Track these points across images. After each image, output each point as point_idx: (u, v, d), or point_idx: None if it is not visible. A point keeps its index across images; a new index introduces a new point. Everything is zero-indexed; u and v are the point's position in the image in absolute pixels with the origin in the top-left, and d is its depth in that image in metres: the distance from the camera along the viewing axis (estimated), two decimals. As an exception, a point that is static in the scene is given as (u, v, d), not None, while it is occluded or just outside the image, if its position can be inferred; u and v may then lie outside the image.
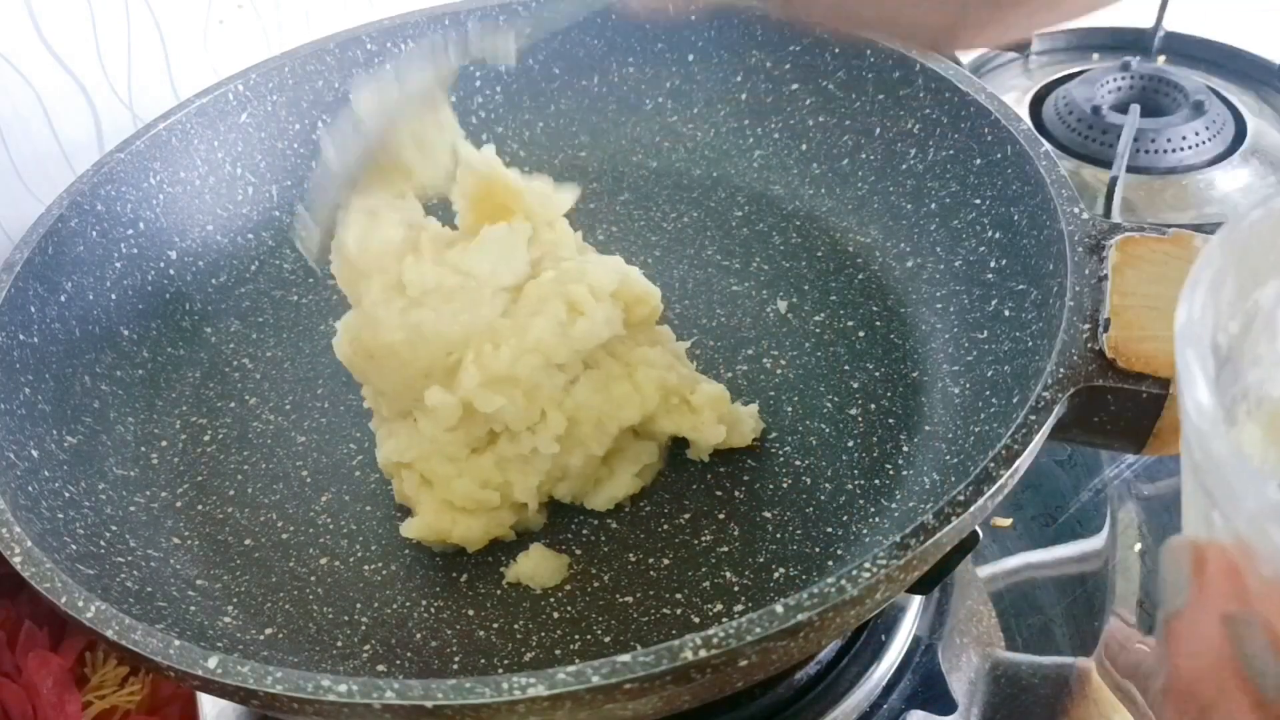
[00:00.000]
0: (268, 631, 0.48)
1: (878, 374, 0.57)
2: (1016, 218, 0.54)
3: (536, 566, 0.49)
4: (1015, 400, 0.47)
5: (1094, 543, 0.64)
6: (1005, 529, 0.64)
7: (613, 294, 0.51)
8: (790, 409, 0.56)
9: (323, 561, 0.51)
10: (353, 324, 0.51)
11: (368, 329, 0.50)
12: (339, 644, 0.47)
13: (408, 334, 0.48)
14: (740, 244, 0.65)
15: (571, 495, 0.51)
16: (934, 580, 0.44)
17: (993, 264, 0.55)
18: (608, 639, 0.47)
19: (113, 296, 0.58)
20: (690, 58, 0.70)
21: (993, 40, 0.39)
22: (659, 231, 0.67)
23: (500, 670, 0.46)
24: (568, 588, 0.49)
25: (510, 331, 0.49)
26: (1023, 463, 0.41)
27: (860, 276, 0.62)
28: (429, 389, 0.48)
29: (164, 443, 0.56)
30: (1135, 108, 0.83)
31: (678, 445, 0.54)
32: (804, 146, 0.67)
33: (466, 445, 0.49)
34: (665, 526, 0.52)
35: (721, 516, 0.52)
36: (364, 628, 0.48)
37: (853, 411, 0.55)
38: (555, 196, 0.53)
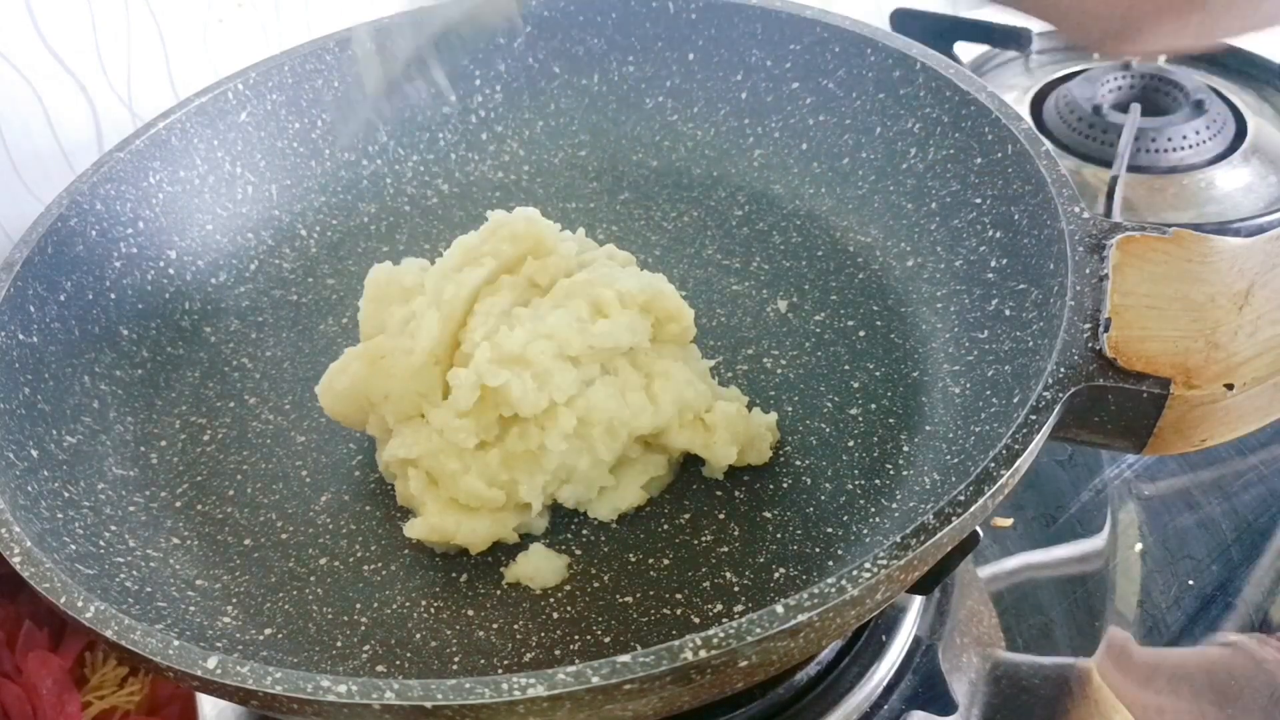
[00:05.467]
0: (267, 632, 0.47)
1: (878, 374, 0.57)
2: (1017, 217, 0.54)
3: (536, 567, 0.49)
4: (1016, 400, 0.47)
5: (1094, 543, 0.64)
6: (1005, 529, 0.64)
7: (642, 305, 0.52)
8: (790, 409, 0.56)
9: (322, 561, 0.51)
10: (351, 354, 0.52)
11: (375, 345, 0.51)
12: (339, 644, 0.47)
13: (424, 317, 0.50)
14: (740, 243, 0.65)
15: (576, 500, 0.51)
16: (934, 580, 0.44)
17: (993, 263, 0.55)
18: (608, 639, 0.47)
19: (112, 296, 0.58)
20: (690, 56, 0.70)
21: (1168, 45, 0.39)
22: (659, 231, 0.67)
23: (500, 670, 0.46)
24: (568, 588, 0.49)
25: (528, 318, 0.49)
26: (1023, 462, 0.41)
27: (861, 276, 0.62)
28: (449, 371, 0.49)
29: (163, 442, 0.56)
30: (1136, 107, 0.82)
31: (690, 459, 0.54)
32: (804, 145, 0.67)
33: (476, 435, 0.49)
34: (665, 527, 0.52)
35: (721, 517, 0.52)
36: (364, 628, 0.48)
37: (853, 411, 0.55)
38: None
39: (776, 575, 0.49)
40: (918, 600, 0.56)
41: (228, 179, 0.65)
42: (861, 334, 0.59)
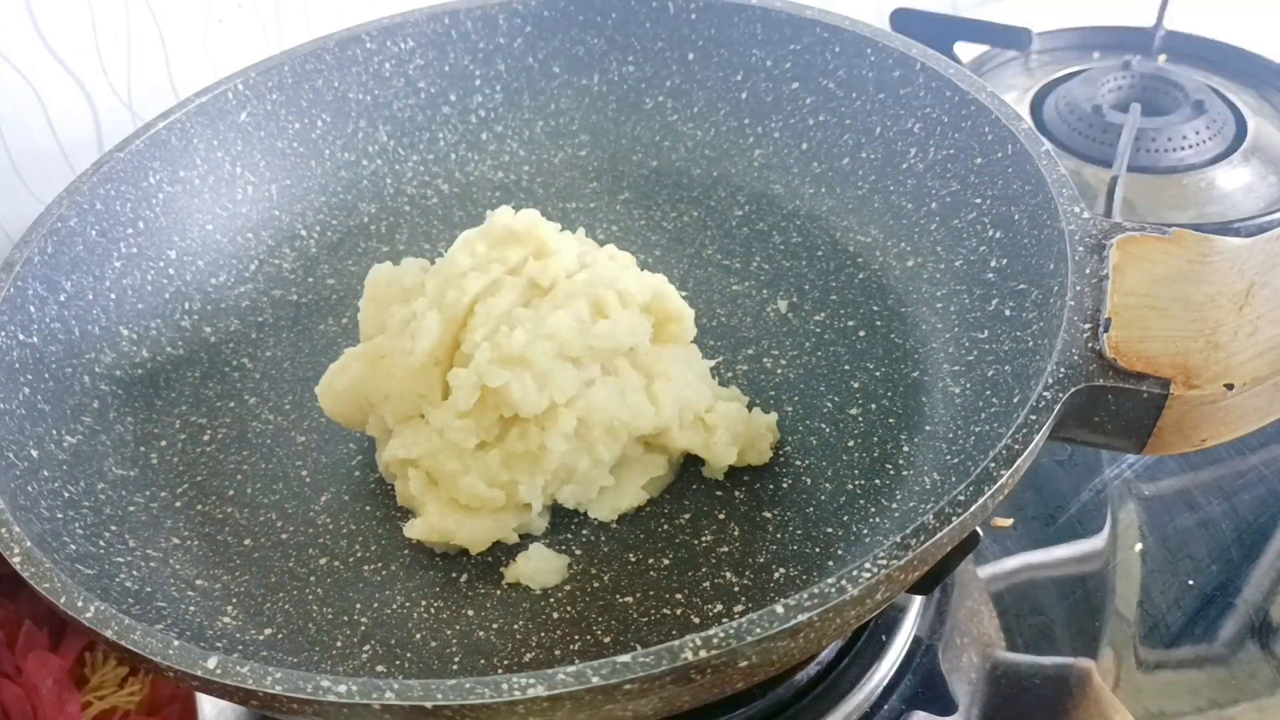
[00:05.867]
0: (267, 632, 0.47)
1: (878, 374, 0.57)
2: (1017, 217, 0.54)
3: (536, 567, 0.49)
4: (1016, 400, 0.47)
5: (1094, 543, 0.64)
6: (1005, 529, 0.64)
7: (644, 306, 0.52)
8: (790, 409, 0.56)
9: (322, 561, 0.51)
10: (351, 354, 0.52)
11: (375, 345, 0.51)
12: (339, 644, 0.47)
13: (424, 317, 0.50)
14: (740, 243, 0.65)
15: (576, 501, 0.51)
16: (934, 580, 0.44)
17: (993, 263, 0.55)
18: (608, 639, 0.47)
19: (112, 296, 0.58)
20: (690, 56, 0.70)
21: None
22: (659, 231, 0.67)
23: (500, 670, 0.46)
24: (568, 588, 0.49)
25: (528, 318, 0.49)
26: (1023, 462, 0.41)
27: (861, 276, 0.62)
28: (450, 371, 0.49)
29: (163, 442, 0.56)
30: (1136, 106, 0.83)
31: (690, 459, 0.54)
32: (804, 145, 0.67)
33: (476, 436, 0.49)
34: (665, 527, 0.52)
35: (721, 517, 0.52)
36: (364, 628, 0.48)
37: (853, 411, 0.55)
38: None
39: (776, 575, 0.49)
40: (918, 600, 0.56)
41: (228, 179, 0.65)
42: (861, 334, 0.59)
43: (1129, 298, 0.46)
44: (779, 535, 0.50)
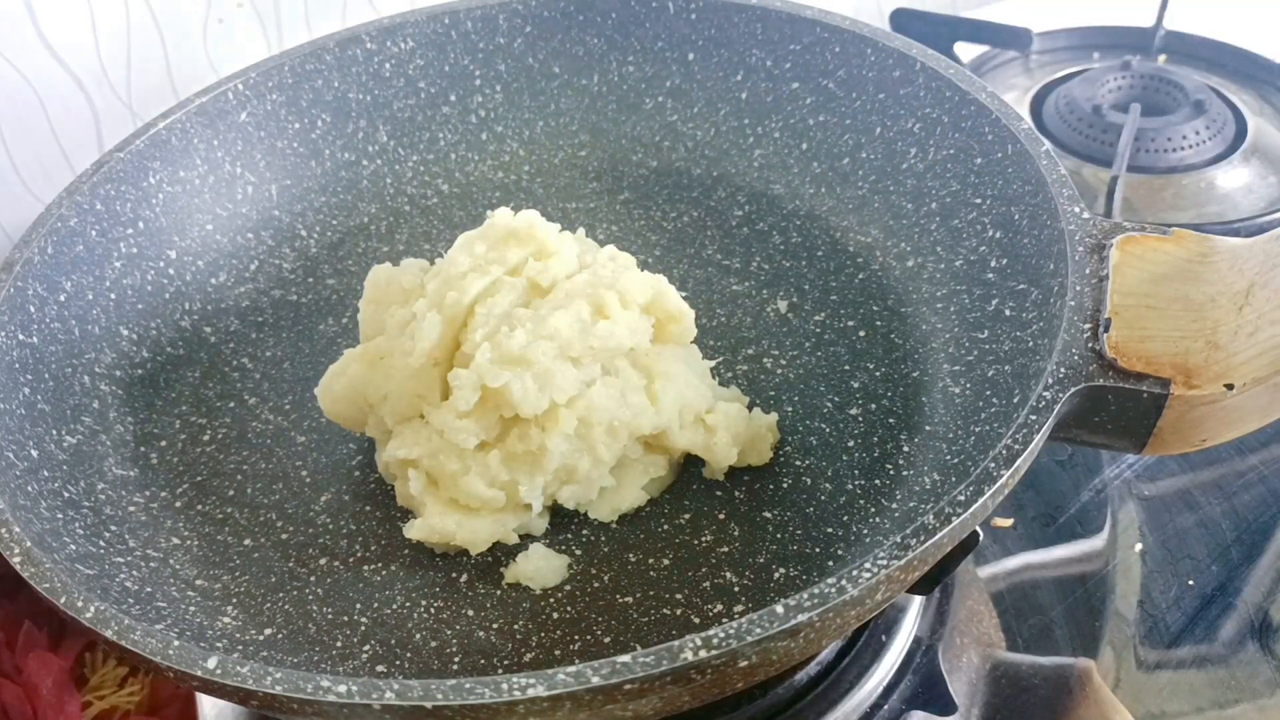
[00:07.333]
0: (267, 632, 0.47)
1: (878, 374, 0.57)
2: (1017, 217, 0.54)
3: (536, 567, 0.49)
4: (1016, 400, 0.47)
5: (1094, 543, 0.64)
6: (1006, 529, 0.64)
7: (644, 306, 0.52)
8: (790, 409, 0.56)
9: (322, 561, 0.51)
10: (350, 355, 0.52)
11: (375, 346, 0.52)
12: (339, 644, 0.47)
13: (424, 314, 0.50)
14: (740, 243, 0.65)
15: (576, 501, 0.51)
16: (934, 580, 0.44)
17: (993, 263, 0.55)
18: (608, 639, 0.47)
19: (112, 296, 0.58)
20: (690, 56, 0.70)
21: None
22: (659, 231, 0.67)
23: (500, 670, 0.46)
24: (568, 588, 0.49)
25: (529, 319, 0.49)
26: (1023, 463, 0.41)
27: (861, 276, 0.62)
28: (450, 372, 0.49)
29: (163, 442, 0.56)
30: (1136, 107, 0.83)
31: (691, 459, 0.54)
32: (804, 145, 0.67)
33: (476, 436, 0.49)
34: (665, 527, 0.52)
35: (721, 517, 0.52)
36: (364, 628, 0.48)
37: (853, 411, 0.55)
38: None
39: (776, 575, 0.49)
40: (918, 600, 0.56)
41: (228, 179, 0.65)
42: (861, 334, 0.59)
43: (1129, 298, 0.46)
44: (779, 535, 0.50)
